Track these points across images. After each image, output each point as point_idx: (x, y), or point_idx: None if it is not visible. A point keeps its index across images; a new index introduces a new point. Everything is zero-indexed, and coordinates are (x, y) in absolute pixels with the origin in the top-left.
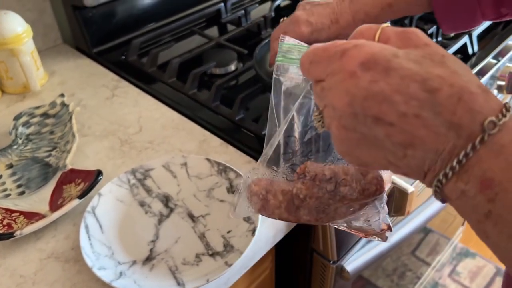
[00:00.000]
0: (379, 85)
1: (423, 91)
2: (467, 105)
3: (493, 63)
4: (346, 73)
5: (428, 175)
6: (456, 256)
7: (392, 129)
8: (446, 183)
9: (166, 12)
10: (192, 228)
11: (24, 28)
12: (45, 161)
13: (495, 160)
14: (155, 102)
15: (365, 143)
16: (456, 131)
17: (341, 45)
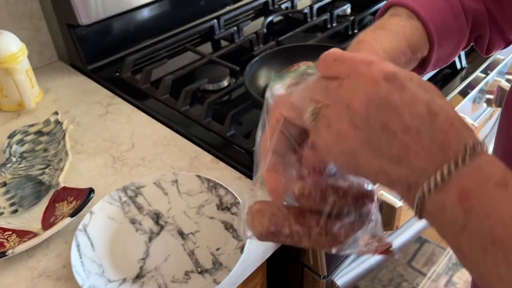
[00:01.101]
0: (394, 97)
1: (426, 112)
2: (457, 129)
3: (482, 77)
4: (370, 79)
5: (412, 188)
6: (452, 266)
7: (394, 138)
8: (428, 196)
9: (159, 29)
10: (181, 246)
11: (19, 47)
12: (39, 179)
13: (474, 177)
14: (148, 118)
15: (367, 145)
16: (444, 150)
17: (368, 57)
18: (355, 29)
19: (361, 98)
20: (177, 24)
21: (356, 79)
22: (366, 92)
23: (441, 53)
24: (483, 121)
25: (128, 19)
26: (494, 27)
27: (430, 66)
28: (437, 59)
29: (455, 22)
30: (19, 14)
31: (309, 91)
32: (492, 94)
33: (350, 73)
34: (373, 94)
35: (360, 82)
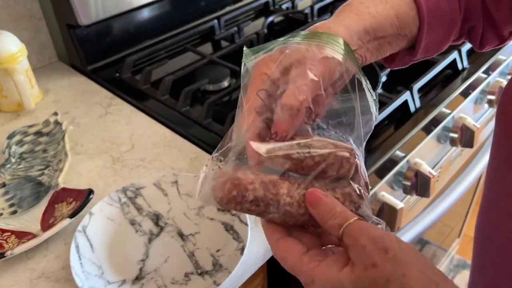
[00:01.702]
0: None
1: None
2: None
3: (483, 77)
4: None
5: None
6: (454, 268)
7: None
8: None
9: (160, 29)
10: (181, 247)
11: (19, 47)
12: (38, 179)
13: None
14: (148, 119)
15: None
16: None
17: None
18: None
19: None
20: (177, 25)
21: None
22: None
23: (431, 38)
24: (484, 122)
25: (128, 19)
26: (487, 20)
27: (420, 51)
28: (427, 44)
29: (447, 4)
30: (19, 14)
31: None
32: (493, 95)
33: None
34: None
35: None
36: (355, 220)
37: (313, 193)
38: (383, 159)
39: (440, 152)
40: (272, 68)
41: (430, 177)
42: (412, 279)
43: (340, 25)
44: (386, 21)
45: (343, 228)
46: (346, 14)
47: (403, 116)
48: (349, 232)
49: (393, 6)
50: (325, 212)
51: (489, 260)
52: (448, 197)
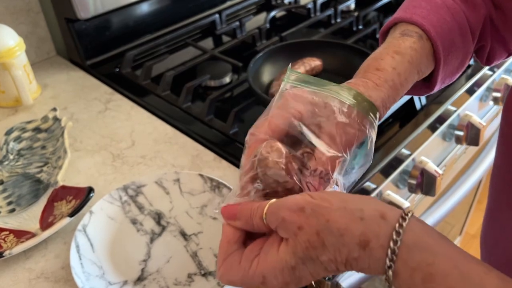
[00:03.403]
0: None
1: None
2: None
3: (489, 74)
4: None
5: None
6: None
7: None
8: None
9: (160, 24)
10: (184, 247)
11: (17, 41)
12: (36, 177)
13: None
14: (148, 115)
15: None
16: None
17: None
18: (360, 25)
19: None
20: (178, 19)
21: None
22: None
23: (447, 71)
24: (489, 120)
25: (128, 13)
26: (495, 37)
27: (437, 85)
28: (443, 77)
29: (461, 41)
30: (16, 8)
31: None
32: (499, 92)
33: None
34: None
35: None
36: (270, 204)
37: (227, 209)
38: (389, 158)
39: (445, 150)
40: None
41: (436, 176)
42: (336, 219)
43: (379, 97)
44: (410, 82)
45: (265, 218)
46: (382, 83)
47: (408, 114)
48: (269, 217)
49: (416, 64)
50: (246, 218)
51: (498, 262)
52: (453, 195)
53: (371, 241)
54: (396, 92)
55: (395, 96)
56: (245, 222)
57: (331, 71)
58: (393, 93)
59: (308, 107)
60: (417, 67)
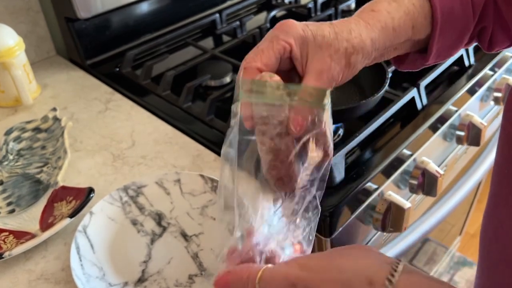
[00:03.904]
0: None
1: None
2: None
3: (490, 74)
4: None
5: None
6: (454, 265)
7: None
8: None
9: (160, 23)
10: (185, 248)
11: (16, 41)
12: (36, 177)
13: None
14: (148, 115)
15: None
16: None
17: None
18: None
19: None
20: (178, 19)
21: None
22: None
23: (443, 43)
24: (490, 120)
25: (128, 13)
26: (498, 21)
27: (432, 56)
28: (438, 49)
29: (461, 11)
30: (16, 7)
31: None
32: (500, 92)
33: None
34: None
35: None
36: (262, 271)
37: (219, 283)
38: (390, 158)
39: (446, 150)
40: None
41: (438, 176)
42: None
43: (368, 36)
44: (403, 33)
45: (258, 284)
46: (375, 23)
47: (409, 114)
48: (263, 284)
49: (412, 18)
50: (240, 286)
51: (497, 260)
52: (454, 196)
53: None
54: (387, 35)
55: (385, 39)
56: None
57: None
58: (384, 35)
59: (299, 40)
60: (412, 20)
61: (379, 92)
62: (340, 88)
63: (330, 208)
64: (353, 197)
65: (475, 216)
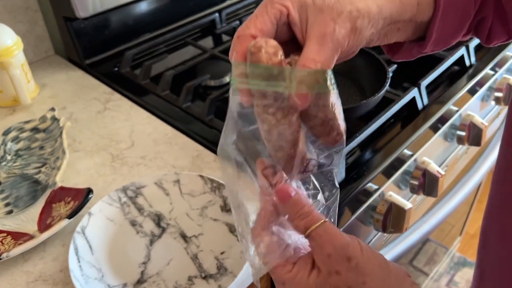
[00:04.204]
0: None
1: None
2: None
3: (491, 74)
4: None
5: None
6: (454, 265)
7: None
8: None
9: (159, 23)
10: (184, 249)
11: (14, 40)
12: (34, 178)
13: None
14: (147, 115)
15: None
16: None
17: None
18: None
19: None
20: (178, 18)
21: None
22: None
23: (444, 29)
24: (490, 120)
25: (127, 12)
26: (497, 12)
27: (430, 43)
28: (438, 36)
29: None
30: (14, 6)
31: None
32: (501, 92)
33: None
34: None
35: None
36: (321, 224)
37: (283, 190)
38: (391, 158)
39: (447, 150)
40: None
41: (439, 177)
42: (371, 286)
43: (375, 2)
44: (409, 8)
45: (309, 232)
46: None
47: (410, 113)
48: (314, 238)
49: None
50: (293, 211)
51: (498, 261)
52: (455, 196)
53: None
54: (394, 6)
55: (392, 9)
56: (290, 212)
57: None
58: (391, 5)
59: (296, 3)
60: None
61: (380, 92)
62: (340, 88)
63: None
64: (354, 198)
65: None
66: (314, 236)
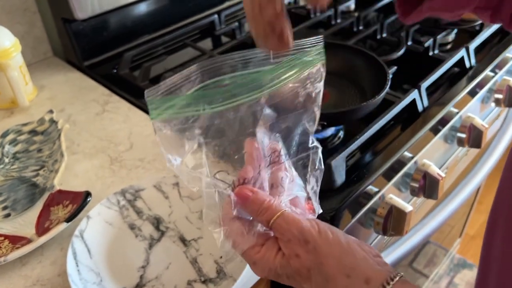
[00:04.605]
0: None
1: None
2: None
3: (491, 76)
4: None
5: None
6: (454, 267)
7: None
8: None
9: (158, 24)
10: (184, 253)
11: (12, 42)
12: (32, 181)
13: None
14: (146, 117)
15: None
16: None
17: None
18: (360, 25)
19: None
20: (177, 19)
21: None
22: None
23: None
24: (490, 121)
25: (126, 13)
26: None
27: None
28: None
29: None
30: (12, 7)
31: None
32: (501, 94)
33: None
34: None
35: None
36: (280, 215)
37: (240, 193)
38: (391, 161)
39: (447, 152)
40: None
41: (439, 179)
42: (329, 266)
43: None
44: None
45: (271, 224)
46: None
47: (410, 115)
48: (276, 228)
49: None
50: (253, 210)
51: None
52: (455, 198)
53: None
54: None
55: None
56: (250, 211)
57: (332, 72)
58: None
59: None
60: None
61: (380, 94)
62: (340, 90)
63: (330, 211)
64: (354, 201)
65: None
66: (276, 227)
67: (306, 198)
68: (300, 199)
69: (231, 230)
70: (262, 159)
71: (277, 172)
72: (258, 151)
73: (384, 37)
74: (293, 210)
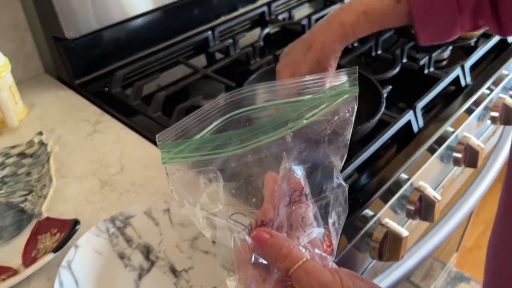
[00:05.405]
0: None
1: None
2: None
3: (486, 93)
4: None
5: None
6: (451, 280)
7: None
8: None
9: (151, 41)
10: (174, 285)
11: (2, 62)
12: (20, 206)
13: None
14: (138, 138)
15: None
16: None
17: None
18: (355, 42)
19: None
20: (170, 36)
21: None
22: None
23: (431, 32)
24: (486, 139)
25: (117, 31)
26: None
27: (423, 40)
28: (428, 37)
29: (442, 6)
30: (3, 24)
31: None
32: (497, 112)
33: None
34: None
35: None
36: (300, 265)
37: (258, 236)
38: (387, 184)
39: (443, 172)
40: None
41: (435, 202)
42: None
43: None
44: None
45: (290, 273)
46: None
47: (406, 135)
48: (295, 278)
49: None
50: (271, 256)
51: (506, 278)
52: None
53: None
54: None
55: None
56: (268, 257)
57: None
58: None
59: None
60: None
61: (376, 117)
62: None
63: None
64: (350, 225)
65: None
66: (295, 277)
67: (324, 234)
68: (319, 236)
69: (246, 278)
70: (283, 197)
71: (297, 211)
72: (280, 188)
73: (379, 54)
74: (311, 251)
